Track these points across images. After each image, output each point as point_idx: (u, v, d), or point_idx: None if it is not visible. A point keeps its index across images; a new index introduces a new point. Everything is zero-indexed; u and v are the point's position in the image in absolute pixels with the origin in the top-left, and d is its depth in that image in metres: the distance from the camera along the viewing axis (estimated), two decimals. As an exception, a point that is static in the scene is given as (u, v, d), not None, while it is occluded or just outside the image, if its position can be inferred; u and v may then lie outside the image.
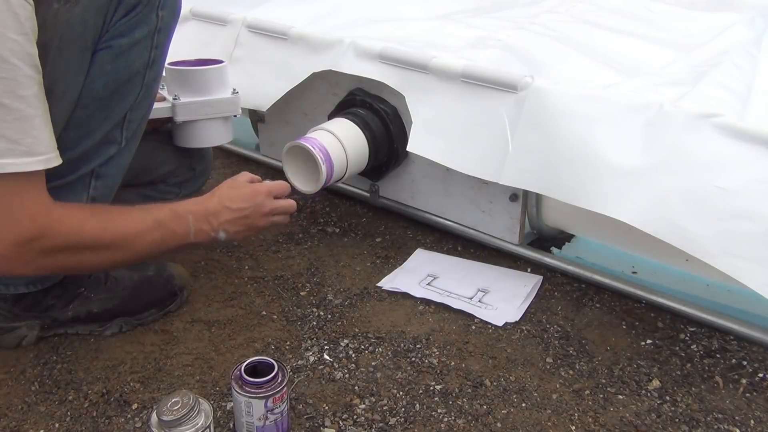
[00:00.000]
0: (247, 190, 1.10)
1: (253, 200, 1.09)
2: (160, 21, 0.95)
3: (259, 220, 1.11)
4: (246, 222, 1.09)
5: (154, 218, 0.98)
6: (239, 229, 1.09)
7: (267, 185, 1.13)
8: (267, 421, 0.85)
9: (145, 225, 0.97)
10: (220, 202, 1.06)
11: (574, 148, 1.09)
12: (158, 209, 1.01)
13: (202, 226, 1.03)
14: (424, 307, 1.18)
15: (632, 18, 1.70)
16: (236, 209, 1.07)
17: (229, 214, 1.06)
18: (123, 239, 0.94)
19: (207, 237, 1.05)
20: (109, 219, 0.94)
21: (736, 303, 1.14)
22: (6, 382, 0.99)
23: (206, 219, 1.04)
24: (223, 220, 1.06)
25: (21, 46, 0.78)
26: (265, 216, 1.12)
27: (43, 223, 0.86)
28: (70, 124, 0.92)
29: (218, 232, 1.06)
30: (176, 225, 1.00)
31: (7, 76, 0.78)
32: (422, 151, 1.25)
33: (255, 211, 1.10)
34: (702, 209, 0.98)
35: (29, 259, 0.87)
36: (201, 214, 1.03)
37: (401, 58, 1.28)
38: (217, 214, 1.05)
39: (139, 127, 1.02)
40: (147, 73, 0.97)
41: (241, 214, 1.08)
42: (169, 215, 1.00)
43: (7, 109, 0.79)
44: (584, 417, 0.95)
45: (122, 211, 0.97)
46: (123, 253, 0.96)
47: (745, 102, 1.21)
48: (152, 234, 0.97)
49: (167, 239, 1.00)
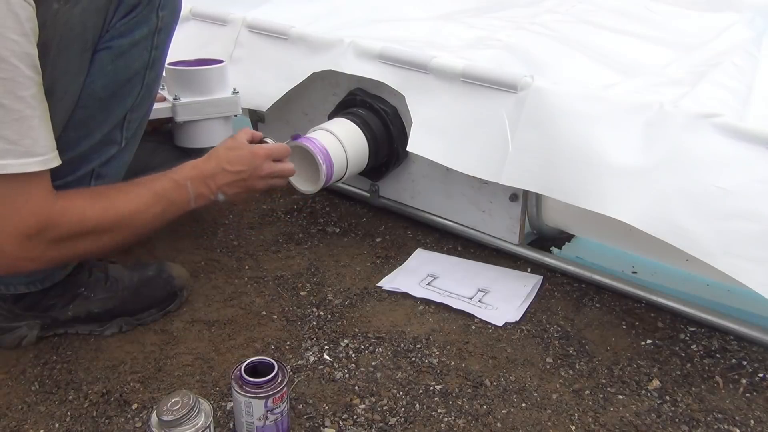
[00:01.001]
0: (246, 152, 1.09)
1: (251, 162, 1.08)
2: (160, 21, 0.95)
3: (257, 182, 1.10)
4: (244, 184, 1.08)
5: (153, 192, 0.98)
6: (237, 191, 1.08)
7: (266, 148, 1.11)
8: (267, 421, 0.85)
9: (145, 201, 0.97)
10: (218, 164, 1.05)
11: (574, 148, 1.09)
12: (157, 181, 1.00)
13: (201, 190, 1.03)
14: (424, 307, 1.18)
15: (632, 18, 1.70)
16: (234, 171, 1.06)
17: (227, 177, 1.06)
18: (125, 219, 0.94)
19: (206, 200, 1.05)
20: (109, 201, 0.94)
21: (736, 303, 1.14)
22: (6, 382, 0.99)
23: (204, 182, 1.03)
24: (221, 183, 1.05)
25: (21, 47, 0.78)
26: (263, 179, 1.11)
27: (47, 216, 0.86)
28: (70, 124, 0.92)
29: (217, 195, 1.06)
30: (176, 194, 1.00)
31: (7, 77, 0.78)
32: (422, 151, 1.25)
33: (253, 173, 1.09)
34: (702, 209, 0.98)
35: (37, 253, 0.88)
36: (199, 178, 1.03)
37: (401, 58, 1.28)
38: (215, 176, 1.04)
39: (140, 128, 1.02)
40: (147, 74, 0.97)
41: (239, 177, 1.07)
42: (168, 185, 1.00)
43: (7, 110, 0.79)
44: (584, 417, 0.95)
45: (121, 190, 0.96)
46: (126, 232, 0.96)
47: (745, 102, 1.21)
48: (153, 209, 0.97)
49: (168, 210, 0.99)
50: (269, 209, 1.48)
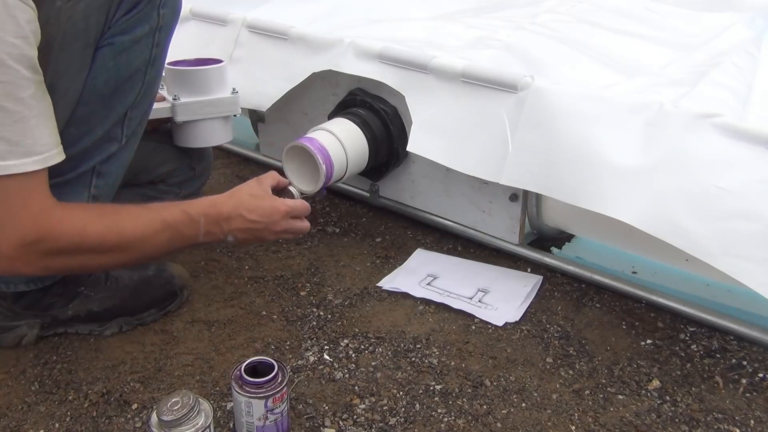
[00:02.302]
0: (268, 204, 1.06)
1: (269, 217, 1.06)
2: (161, 19, 0.95)
3: (269, 235, 1.08)
4: (256, 234, 1.06)
5: (162, 220, 0.95)
6: (247, 237, 1.06)
7: (289, 205, 1.09)
8: (267, 421, 0.85)
9: (153, 227, 0.95)
10: (236, 209, 1.03)
11: (575, 148, 1.09)
12: (168, 210, 0.97)
13: (212, 228, 1.01)
14: (424, 307, 1.18)
15: (632, 18, 1.70)
16: (250, 220, 1.04)
17: (242, 224, 1.03)
18: (128, 242, 0.93)
19: (215, 239, 1.03)
20: (114, 221, 0.92)
21: (736, 303, 1.14)
22: (6, 382, 0.98)
23: (218, 223, 1.01)
24: (234, 227, 1.03)
25: (19, 50, 0.79)
26: (276, 233, 1.09)
27: (46, 225, 0.86)
28: (71, 120, 0.92)
29: (227, 236, 1.03)
30: (186, 228, 0.98)
31: (6, 80, 0.78)
32: (422, 151, 1.25)
33: (268, 227, 1.06)
34: (702, 209, 0.98)
35: (33, 259, 0.87)
36: (214, 218, 1.01)
37: (401, 58, 1.28)
38: (230, 220, 1.02)
39: (140, 125, 1.02)
40: (148, 71, 0.97)
41: (254, 226, 1.04)
42: (180, 217, 0.97)
43: (7, 113, 0.79)
44: (584, 417, 0.95)
45: (130, 212, 0.95)
46: (128, 255, 0.94)
47: (745, 102, 1.21)
48: (159, 236, 0.95)
49: (174, 241, 0.97)
50: (269, 209, 1.47)
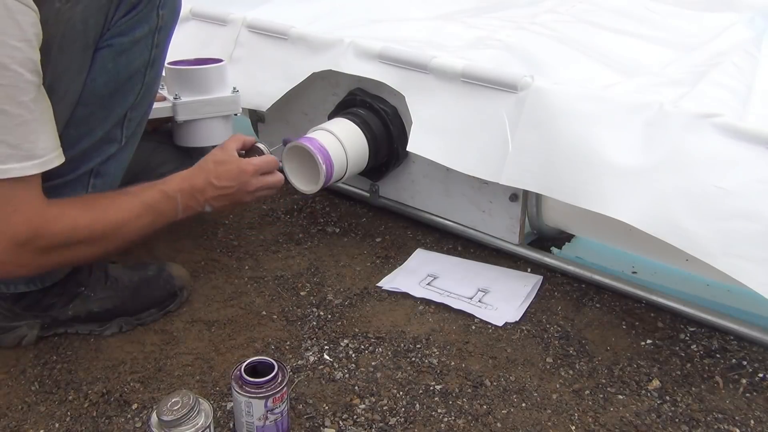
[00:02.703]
0: (234, 167, 1.10)
1: (238, 179, 1.10)
2: (160, 20, 0.95)
3: (245, 196, 1.13)
4: (231, 198, 1.11)
5: (142, 202, 0.99)
6: (225, 203, 1.11)
7: (254, 163, 1.13)
8: (267, 421, 0.85)
9: (135, 211, 0.98)
10: (206, 178, 1.07)
11: (575, 148, 1.09)
12: (147, 191, 1.01)
13: (189, 202, 1.05)
14: (424, 307, 1.18)
15: (632, 18, 1.70)
16: (221, 187, 1.08)
17: (215, 191, 1.08)
18: (115, 229, 0.96)
19: (194, 212, 1.07)
20: (100, 210, 0.95)
21: (736, 303, 1.14)
22: (6, 382, 0.98)
23: (193, 195, 1.06)
24: (209, 196, 1.07)
25: (22, 53, 0.79)
26: (251, 193, 1.13)
27: (38, 224, 0.87)
28: (71, 122, 0.92)
29: (204, 206, 1.08)
30: (165, 206, 1.02)
31: (8, 84, 0.78)
32: (422, 151, 1.25)
33: (240, 189, 1.11)
34: (702, 209, 0.98)
35: (27, 260, 0.88)
36: (188, 191, 1.05)
37: (401, 58, 1.28)
38: (203, 190, 1.07)
39: (139, 126, 1.02)
40: (147, 72, 0.97)
41: (227, 192, 1.09)
42: (158, 196, 1.01)
43: (9, 116, 0.79)
44: (584, 417, 0.95)
45: (113, 200, 0.98)
46: (115, 241, 0.97)
47: (745, 102, 1.21)
48: (142, 219, 0.99)
49: (156, 221, 1.01)
50: (269, 209, 1.48)
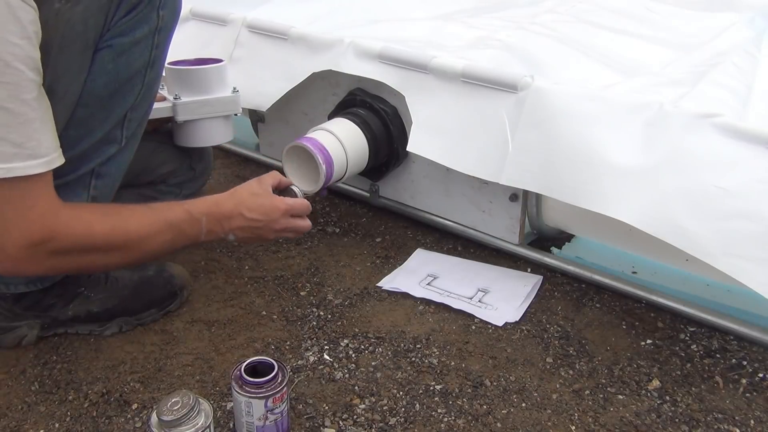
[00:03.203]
0: (267, 202, 1.08)
1: (269, 215, 1.08)
2: (160, 21, 0.95)
3: (269, 233, 1.10)
4: (257, 232, 1.08)
5: (165, 219, 0.98)
6: (248, 236, 1.08)
7: (288, 203, 1.11)
8: (267, 421, 0.85)
9: (157, 227, 0.97)
10: (237, 207, 1.05)
11: (574, 148, 1.09)
12: (171, 210, 1.00)
13: (213, 227, 1.03)
14: (424, 307, 1.18)
15: (632, 18, 1.70)
16: (250, 219, 1.06)
17: (242, 222, 1.06)
18: (133, 241, 0.94)
19: (216, 237, 1.05)
20: (119, 220, 0.94)
21: (736, 303, 1.14)
22: (6, 382, 0.99)
23: (219, 222, 1.04)
24: (235, 226, 1.05)
25: (24, 51, 0.79)
26: (276, 232, 1.11)
27: (53, 225, 0.87)
28: (70, 123, 0.92)
29: (228, 235, 1.06)
30: (188, 227, 1.00)
31: (11, 81, 0.78)
32: (422, 151, 1.25)
33: (268, 225, 1.08)
34: (702, 209, 0.98)
35: (40, 260, 0.88)
36: (215, 216, 1.03)
37: (401, 58, 1.28)
38: (231, 219, 1.05)
39: (140, 127, 1.02)
40: (147, 73, 0.97)
41: (254, 225, 1.07)
42: (182, 217, 0.99)
43: (12, 114, 0.79)
44: (584, 417, 0.95)
45: (134, 212, 0.96)
46: (132, 254, 0.96)
47: (745, 102, 1.21)
48: (163, 236, 0.97)
49: (177, 240, 1.00)
50: (269, 209, 1.47)
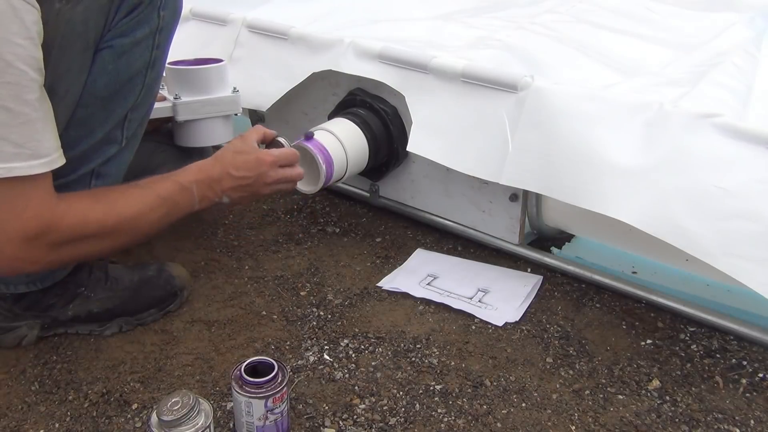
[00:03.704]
0: (252, 157, 1.09)
1: (257, 169, 1.08)
2: (161, 21, 0.95)
3: (262, 188, 1.10)
4: (249, 189, 1.09)
5: (157, 194, 0.98)
6: (243, 194, 1.08)
7: (273, 154, 1.11)
8: (267, 421, 0.85)
9: (148, 203, 0.97)
10: (224, 168, 1.05)
11: (574, 148, 1.09)
12: (160, 183, 1.00)
13: (205, 193, 1.03)
14: (424, 307, 1.18)
15: (632, 18, 1.70)
16: (239, 177, 1.06)
17: (232, 182, 1.06)
18: (127, 222, 0.95)
19: (211, 202, 1.05)
20: (111, 203, 0.94)
21: (736, 303, 1.14)
22: (6, 382, 0.99)
23: (209, 186, 1.04)
24: (227, 187, 1.06)
25: (26, 51, 0.79)
26: (269, 185, 1.11)
27: (48, 219, 0.87)
28: (71, 123, 0.92)
29: (221, 197, 1.06)
30: (180, 197, 1.00)
31: (13, 81, 0.78)
32: (422, 151, 1.25)
33: (258, 180, 1.09)
34: (702, 209, 0.98)
35: (37, 256, 0.88)
36: (204, 181, 1.03)
37: (401, 58, 1.28)
38: (220, 180, 1.05)
39: (140, 127, 1.02)
40: (148, 73, 0.97)
41: (244, 182, 1.07)
42: (173, 188, 1.00)
43: (13, 114, 0.79)
44: (584, 417, 0.95)
45: (124, 192, 0.96)
46: (129, 235, 0.96)
47: (745, 102, 1.21)
48: (156, 211, 0.97)
49: (172, 213, 1.00)
50: (269, 209, 1.48)
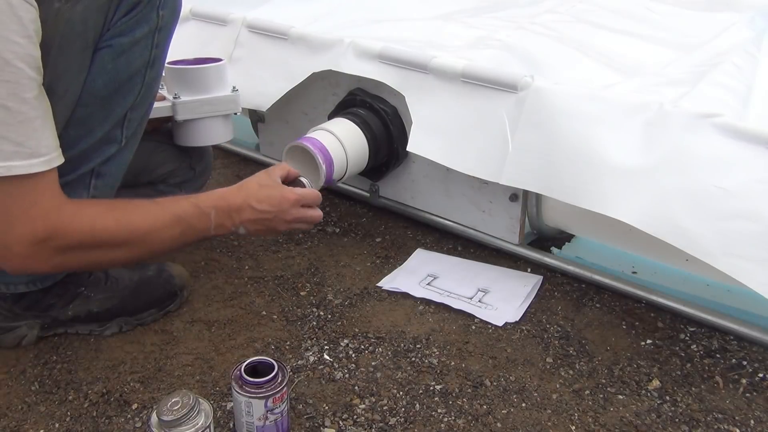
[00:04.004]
0: (277, 193, 1.07)
1: (279, 206, 1.07)
2: (160, 20, 0.95)
3: (281, 224, 1.09)
4: (267, 224, 1.07)
5: (173, 214, 0.97)
6: (259, 228, 1.07)
7: (298, 193, 1.10)
8: (267, 421, 0.85)
9: (163, 221, 0.96)
10: (246, 200, 1.04)
11: (574, 148, 1.09)
12: (178, 204, 0.99)
13: (223, 221, 1.02)
14: (424, 307, 1.18)
15: (632, 18, 1.70)
16: (260, 210, 1.05)
17: (252, 214, 1.04)
18: (139, 236, 0.94)
19: (226, 231, 1.04)
20: (124, 215, 0.93)
21: (736, 303, 1.14)
22: (6, 382, 0.99)
23: (228, 215, 1.02)
24: (245, 218, 1.04)
25: (24, 49, 0.79)
26: (287, 222, 1.09)
27: (56, 222, 0.87)
28: (70, 122, 0.92)
29: (238, 228, 1.05)
30: (197, 221, 0.99)
31: (11, 80, 0.78)
32: (422, 151, 1.25)
33: (278, 216, 1.07)
34: (702, 209, 0.98)
35: (45, 257, 0.88)
36: (224, 210, 1.02)
37: (401, 58, 1.28)
38: (240, 211, 1.03)
39: (140, 127, 1.02)
40: (147, 73, 0.97)
41: (264, 216, 1.06)
42: (191, 211, 0.98)
43: (11, 113, 0.79)
44: (584, 417, 0.95)
45: (139, 207, 0.96)
46: (139, 249, 0.95)
47: (745, 102, 1.21)
48: (170, 230, 0.96)
49: (186, 234, 0.99)
50: (269, 209, 1.47)
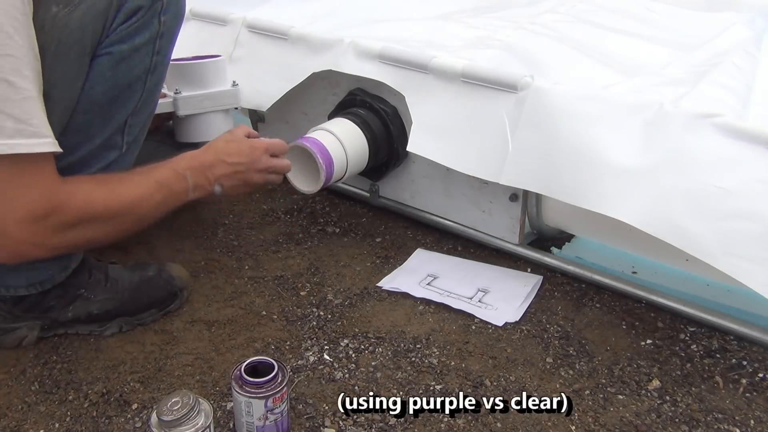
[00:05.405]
0: (245, 145, 1.11)
1: (249, 155, 1.10)
2: (162, 26, 0.94)
3: (254, 175, 1.11)
4: (241, 176, 1.09)
5: (155, 180, 0.98)
6: (235, 183, 1.09)
7: (265, 142, 1.14)
8: (267, 421, 0.85)
9: (147, 189, 0.97)
10: (216, 155, 1.07)
11: (574, 148, 1.09)
12: (157, 170, 1.00)
13: (199, 180, 1.04)
14: (424, 307, 1.18)
15: (632, 18, 1.70)
16: (232, 163, 1.07)
17: (225, 168, 1.07)
18: (128, 206, 0.95)
19: (204, 191, 1.05)
20: (113, 187, 0.94)
21: (736, 303, 1.14)
22: (6, 382, 0.99)
23: (203, 173, 1.04)
24: (219, 174, 1.06)
25: (23, 25, 0.78)
26: (260, 172, 1.12)
27: (56, 199, 0.87)
28: (69, 128, 0.91)
29: (214, 186, 1.06)
30: (175, 184, 1.01)
31: (14, 54, 0.78)
32: (422, 151, 1.25)
33: (250, 166, 1.10)
34: (702, 209, 0.98)
35: (42, 238, 0.88)
36: (198, 168, 1.04)
37: (401, 58, 1.28)
38: (213, 167, 1.05)
39: (141, 132, 1.02)
40: (148, 79, 0.96)
41: (237, 169, 1.08)
42: (168, 174, 1.00)
43: (15, 88, 0.78)
44: (584, 417, 0.95)
45: (124, 177, 0.97)
46: (130, 220, 0.96)
47: (745, 102, 1.21)
48: (154, 197, 0.98)
49: (168, 199, 1.00)
50: (269, 209, 1.48)
